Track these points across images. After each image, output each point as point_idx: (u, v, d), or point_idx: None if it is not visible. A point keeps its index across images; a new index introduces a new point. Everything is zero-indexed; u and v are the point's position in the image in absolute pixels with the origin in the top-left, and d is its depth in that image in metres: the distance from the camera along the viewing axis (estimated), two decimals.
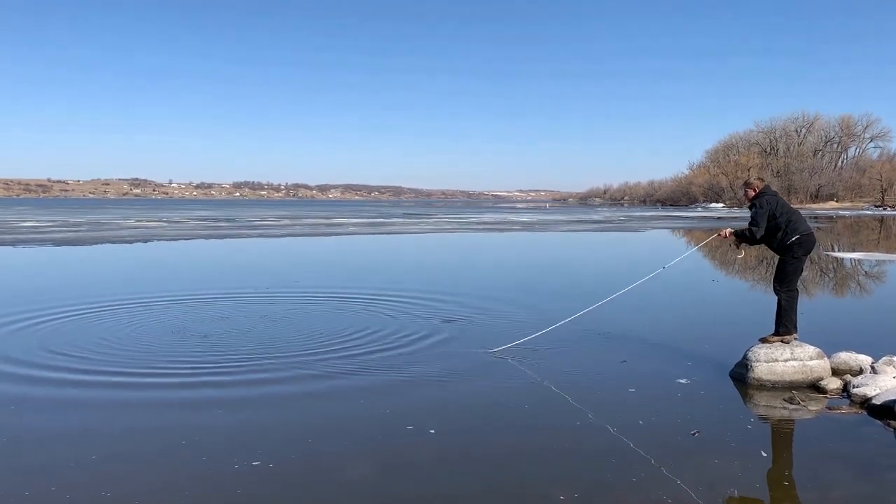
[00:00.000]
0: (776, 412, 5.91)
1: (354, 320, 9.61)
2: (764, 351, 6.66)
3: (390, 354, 7.70)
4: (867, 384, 6.11)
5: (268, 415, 5.73)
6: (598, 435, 5.27)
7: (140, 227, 38.28)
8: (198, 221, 46.22)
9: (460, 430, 5.43)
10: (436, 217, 60.23)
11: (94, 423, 5.52)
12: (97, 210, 78.55)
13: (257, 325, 9.29)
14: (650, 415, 5.69)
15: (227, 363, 7.28)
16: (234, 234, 32.08)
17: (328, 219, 53.55)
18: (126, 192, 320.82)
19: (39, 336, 8.49)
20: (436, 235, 33.50)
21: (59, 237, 28.53)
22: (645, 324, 9.49)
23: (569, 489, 4.29)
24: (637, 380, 6.76)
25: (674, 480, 4.40)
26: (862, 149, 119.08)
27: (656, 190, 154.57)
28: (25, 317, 9.68)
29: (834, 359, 6.88)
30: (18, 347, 7.89)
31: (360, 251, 24.69)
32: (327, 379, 6.71)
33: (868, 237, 33.93)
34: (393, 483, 4.45)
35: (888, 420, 5.50)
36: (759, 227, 6.79)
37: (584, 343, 8.21)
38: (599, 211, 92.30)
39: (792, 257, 6.84)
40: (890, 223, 49.82)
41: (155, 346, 8.00)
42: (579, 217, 63.16)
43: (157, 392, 6.36)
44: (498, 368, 7.18)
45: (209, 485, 4.38)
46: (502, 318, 9.86)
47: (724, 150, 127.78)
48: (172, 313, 10.16)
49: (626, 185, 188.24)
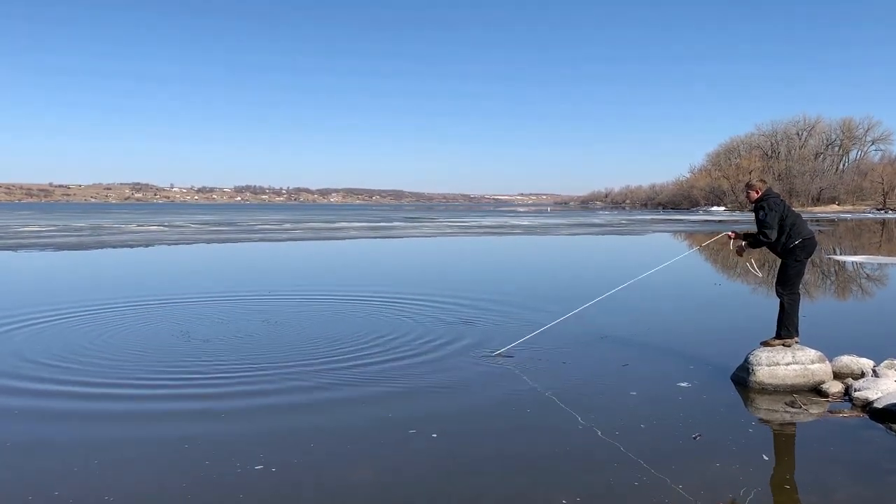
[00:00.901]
0: (777, 416, 5.90)
1: (352, 324, 9.62)
2: (765, 354, 6.66)
3: (387, 358, 7.69)
4: (869, 388, 6.10)
5: (269, 418, 5.74)
6: (599, 438, 5.27)
7: (141, 231, 38.34)
8: (199, 226, 46.28)
9: (462, 433, 5.43)
10: (437, 221, 60.29)
11: (94, 432, 5.53)
12: (99, 214, 78.66)
13: (259, 329, 9.31)
14: (652, 418, 5.69)
15: (228, 366, 7.30)
16: (235, 239, 32.12)
17: (329, 223, 53.62)
18: (128, 197, 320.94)
19: (17, 342, 8.51)
20: (437, 240, 33.52)
21: (60, 241, 28.58)
22: (646, 327, 9.48)
23: (571, 493, 4.29)
24: (638, 383, 6.76)
25: (676, 484, 4.40)
26: (863, 152, 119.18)
27: (658, 193, 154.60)
28: (19, 320, 9.71)
29: (835, 362, 6.88)
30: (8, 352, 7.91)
31: (360, 255, 24.70)
32: (325, 382, 6.72)
33: (870, 240, 33.90)
34: (394, 487, 4.45)
35: (890, 423, 5.49)
36: (772, 230, 6.75)
37: (585, 346, 8.20)
38: (600, 214, 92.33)
39: (794, 260, 6.84)
40: (892, 226, 49.77)
41: (151, 351, 8.02)
42: (580, 221, 63.17)
43: (140, 404, 6.37)
44: (498, 371, 7.17)
45: (211, 487, 4.39)
46: (502, 321, 9.85)
47: (726, 153, 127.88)
48: (171, 315, 10.17)
49: (627, 189, 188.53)
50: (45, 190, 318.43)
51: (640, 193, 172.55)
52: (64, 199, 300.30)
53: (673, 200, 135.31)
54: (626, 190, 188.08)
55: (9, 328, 9.28)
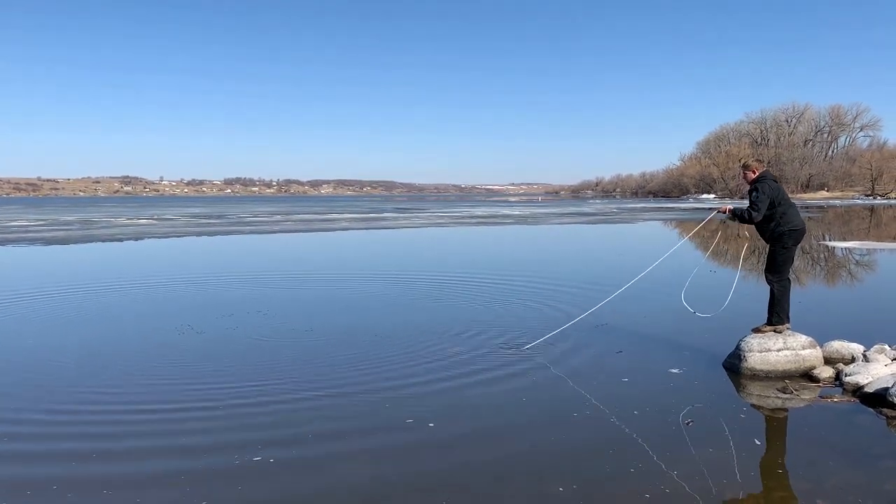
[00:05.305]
0: (769, 401, 5.94)
1: (349, 316, 9.62)
2: (757, 341, 6.70)
3: (380, 351, 7.70)
4: (859, 372, 6.15)
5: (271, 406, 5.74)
6: (593, 425, 5.29)
7: (131, 224, 38.11)
8: (189, 218, 46.03)
9: (455, 422, 5.43)
10: (428, 211, 60.19)
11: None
12: (88, 208, 78.17)
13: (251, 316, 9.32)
14: (644, 405, 5.72)
15: (229, 359, 7.30)
16: (225, 231, 31.99)
17: (320, 214, 53.45)
18: (117, 190, 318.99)
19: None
20: (429, 230, 33.47)
21: (49, 236, 28.37)
22: (638, 314, 9.51)
23: (566, 480, 4.31)
24: (631, 370, 6.79)
25: (670, 470, 4.43)
26: (852, 138, 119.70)
27: (648, 182, 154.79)
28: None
29: (826, 348, 6.93)
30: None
31: (349, 245, 24.64)
32: (330, 370, 6.73)
33: (859, 226, 34.10)
34: (391, 473, 4.45)
35: (880, 408, 5.54)
36: (759, 212, 6.78)
37: (578, 333, 8.21)
38: (591, 203, 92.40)
39: (782, 247, 6.87)
40: (880, 212, 50.08)
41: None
42: (571, 210, 63.24)
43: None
44: (492, 361, 7.18)
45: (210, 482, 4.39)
46: (495, 312, 9.87)
47: (716, 141, 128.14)
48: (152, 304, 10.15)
49: (618, 178, 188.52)
50: (34, 184, 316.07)
51: (631, 182, 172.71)
52: (52, 192, 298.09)
53: (663, 189, 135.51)
54: (617, 179, 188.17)
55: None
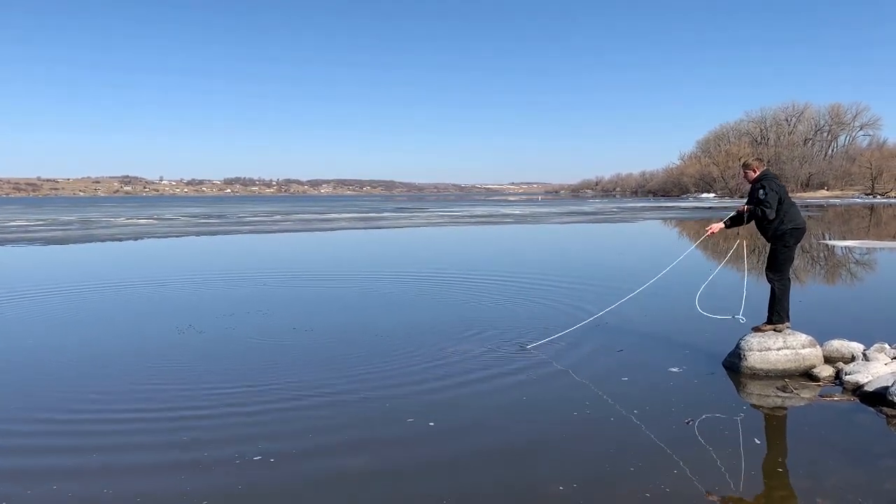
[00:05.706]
0: (769, 400, 5.94)
1: (349, 314, 9.62)
2: (756, 340, 6.69)
3: (380, 349, 7.70)
4: (859, 371, 6.15)
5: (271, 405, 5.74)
6: (593, 424, 5.29)
7: (131, 224, 38.10)
8: (189, 218, 46.03)
9: (455, 420, 5.44)
10: (428, 211, 60.18)
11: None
12: (87, 208, 78.15)
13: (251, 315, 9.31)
14: (644, 404, 5.71)
15: (228, 357, 7.30)
16: (224, 231, 31.98)
17: (320, 214, 53.45)
18: (117, 190, 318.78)
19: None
20: (428, 230, 33.46)
21: (48, 236, 28.37)
22: (639, 314, 9.50)
23: (566, 480, 4.30)
24: (630, 369, 6.79)
25: (670, 469, 4.42)
26: (852, 137, 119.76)
27: (648, 181, 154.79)
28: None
29: (826, 347, 6.92)
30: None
31: (349, 245, 24.64)
32: (337, 369, 6.73)
33: (859, 225, 34.09)
34: (392, 472, 4.45)
35: (880, 407, 5.53)
36: (771, 209, 6.75)
37: (579, 332, 8.21)
38: (591, 202, 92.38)
39: (784, 246, 6.87)
40: (880, 211, 50.07)
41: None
42: (571, 209, 63.21)
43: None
44: (492, 360, 7.18)
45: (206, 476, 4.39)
46: (496, 311, 9.87)
47: (716, 140, 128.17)
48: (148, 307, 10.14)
49: (617, 177, 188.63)
50: (33, 184, 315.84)
51: (631, 181, 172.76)
52: (52, 192, 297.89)
53: (663, 188, 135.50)
54: (617, 178, 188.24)
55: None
